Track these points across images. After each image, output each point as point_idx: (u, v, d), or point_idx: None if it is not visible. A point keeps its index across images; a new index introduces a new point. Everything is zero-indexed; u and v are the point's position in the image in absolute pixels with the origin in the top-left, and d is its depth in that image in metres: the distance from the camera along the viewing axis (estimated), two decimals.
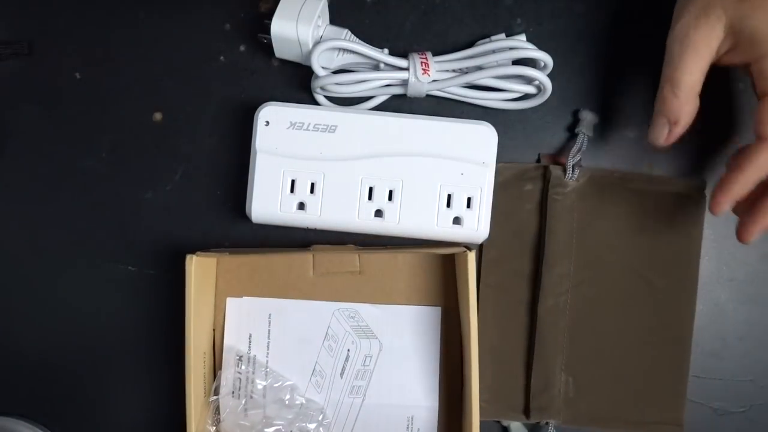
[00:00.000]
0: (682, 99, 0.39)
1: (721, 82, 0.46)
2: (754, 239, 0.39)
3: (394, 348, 0.47)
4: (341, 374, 0.46)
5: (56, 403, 0.48)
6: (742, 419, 0.48)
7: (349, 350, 0.47)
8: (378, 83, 0.45)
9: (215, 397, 0.46)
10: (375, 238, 0.46)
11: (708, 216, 0.47)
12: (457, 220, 0.45)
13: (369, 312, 0.47)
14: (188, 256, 0.42)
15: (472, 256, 0.43)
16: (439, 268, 0.47)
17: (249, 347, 0.47)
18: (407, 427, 0.46)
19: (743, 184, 0.39)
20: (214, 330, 0.47)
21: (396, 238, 0.46)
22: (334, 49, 0.44)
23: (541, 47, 0.44)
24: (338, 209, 0.45)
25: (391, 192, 0.45)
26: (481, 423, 0.43)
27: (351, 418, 0.47)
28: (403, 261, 0.47)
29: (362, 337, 0.47)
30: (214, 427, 0.46)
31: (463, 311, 0.45)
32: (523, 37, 0.46)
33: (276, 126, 0.44)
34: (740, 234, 0.40)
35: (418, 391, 0.47)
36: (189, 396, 0.42)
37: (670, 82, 0.39)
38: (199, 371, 0.44)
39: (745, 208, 0.40)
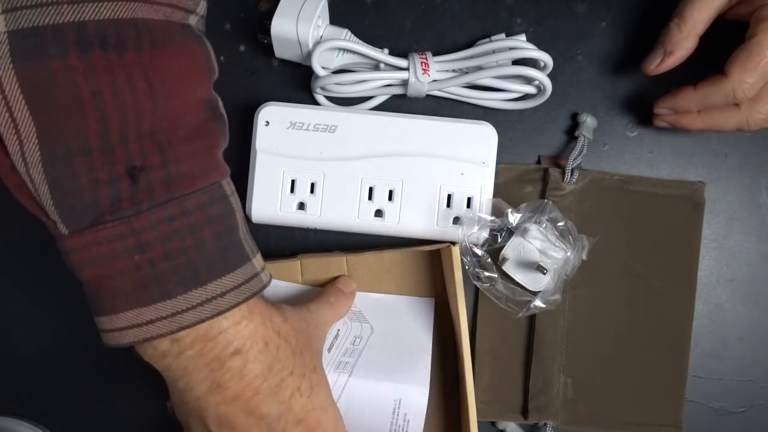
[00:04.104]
0: (684, 33, 0.41)
1: None
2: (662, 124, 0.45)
3: (385, 333, 0.46)
4: (328, 349, 0.45)
5: (56, 403, 0.49)
6: (742, 419, 0.48)
7: (339, 330, 0.46)
8: (378, 83, 0.45)
9: None
10: (375, 238, 0.46)
11: (707, 217, 0.47)
12: (457, 220, 0.45)
13: (363, 299, 0.46)
14: None
15: (456, 251, 0.43)
16: (428, 266, 0.47)
17: None
18: (393, 411, 0.45)
19: (689, 101, 0.42)
20: None
21: (396, 238, 0.46)
22: (334, 49, 0.44)
23: (541, 47, 0.44)
24: (338, 209, 0.45)
25: (391, 192, 0.45)
26: (479, 424, 0.43)
27: (335, 393, 0.45)
28: (390, 261, 0.47)
29: (354, 320, 0.46)
30: None
31: (452, 305, 0.45)
32: (523, 37, 0.46)
33: (276, 126, 0.45)
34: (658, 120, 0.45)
35: (407, 376, 0.45)
36: None
37: (678, 16, 0.42)
38: None
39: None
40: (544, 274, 0.44)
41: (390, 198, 0.45)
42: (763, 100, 0.40)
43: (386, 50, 0.46)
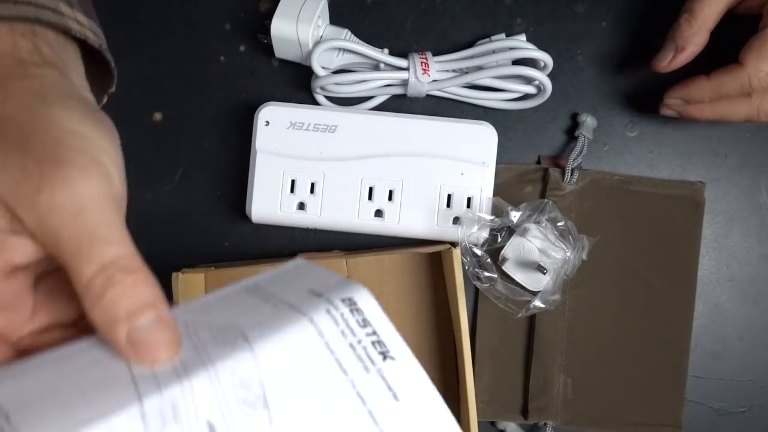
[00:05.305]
0: (695, 28, 0.41)
1: None
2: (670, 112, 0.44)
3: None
4: None
5: None
6: (742, 419, 0.48)
7: None
8: (378, 83, 0.45)
9: None
10: (375, 238, 0.46)
11: (708, 217, 0.47)
12: (457, 220, 0.45)
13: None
14: (174, 274, 0.42)
15: (457, 252, 0.43)
16: (428, 267, 0.47)
17: None
18: None
19: (702, 90, 0.41)
20: None
21: (396, 238, 0.46)
22: (334, 49, 0.44)
23: (541, 47, 0.44)
24: (338, 209, 0.45)
25: (391, 192, 0.45)
26: (479, 424, 0.43)
27: None
28: (390, 263, 0.47)
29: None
30: None
31: (453, 306, 0.45)
32: (523, 37, 0.46)
33: (276, 126, 0.45)
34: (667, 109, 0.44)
35: None
36: None
37: (688, 11, 0.41)
38: None
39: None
40: (544, 274, 0.44)
41: (390, 198, 0.45)
42: None
43: (386, 50, 0.46)
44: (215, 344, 0.24)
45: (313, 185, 0.45)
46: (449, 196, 0.45)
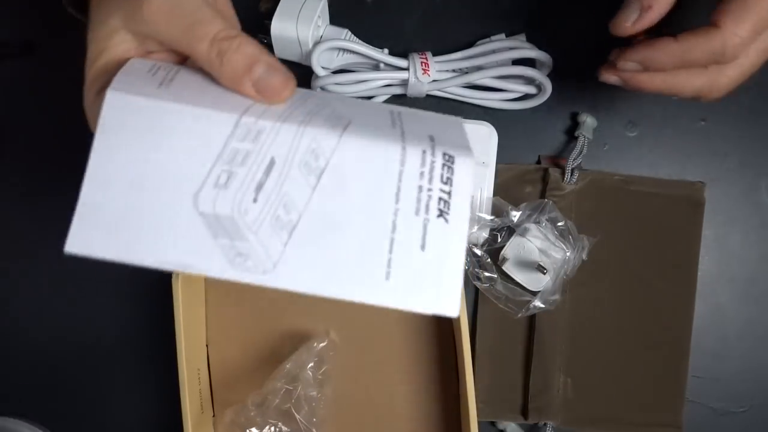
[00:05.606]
0: None
1: None
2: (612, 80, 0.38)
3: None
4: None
5: (56, 403, 0.49)
6: (742, 419, 0.48)
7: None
8: (378, 83, 0.45)
9: None
10: None
11: (707, 217, 0.47)
12: None
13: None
14: (174, 274, 0.41)
15: None
16: None
17: None
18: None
19: (668, 55, 0.35)
20: (207, 345, 0.47)
21: None
22: (334, 49, 0.44)
23: (541, 47, 0.44)
24: None
25: None
26: (479, 424, 0.43)
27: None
28: None
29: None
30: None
31: None
32: (523, 37, 0.46)
33: None
34: (609, 74, 0.38)
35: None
36: (186, 413, 0.42)
37: None
38: (194, 388, 0.43)
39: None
40: (544, 274, 0.44)
41: None
42: (734, 62, 0.34)
43: (386, 50, 0.46)
44: (322, 119, 0.28)
45: None
46: None
